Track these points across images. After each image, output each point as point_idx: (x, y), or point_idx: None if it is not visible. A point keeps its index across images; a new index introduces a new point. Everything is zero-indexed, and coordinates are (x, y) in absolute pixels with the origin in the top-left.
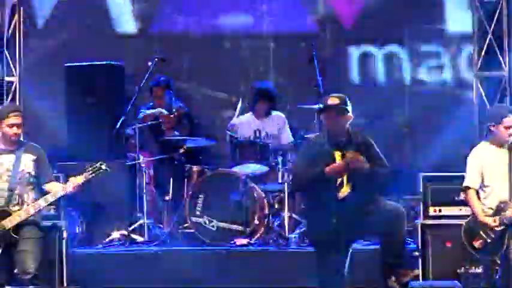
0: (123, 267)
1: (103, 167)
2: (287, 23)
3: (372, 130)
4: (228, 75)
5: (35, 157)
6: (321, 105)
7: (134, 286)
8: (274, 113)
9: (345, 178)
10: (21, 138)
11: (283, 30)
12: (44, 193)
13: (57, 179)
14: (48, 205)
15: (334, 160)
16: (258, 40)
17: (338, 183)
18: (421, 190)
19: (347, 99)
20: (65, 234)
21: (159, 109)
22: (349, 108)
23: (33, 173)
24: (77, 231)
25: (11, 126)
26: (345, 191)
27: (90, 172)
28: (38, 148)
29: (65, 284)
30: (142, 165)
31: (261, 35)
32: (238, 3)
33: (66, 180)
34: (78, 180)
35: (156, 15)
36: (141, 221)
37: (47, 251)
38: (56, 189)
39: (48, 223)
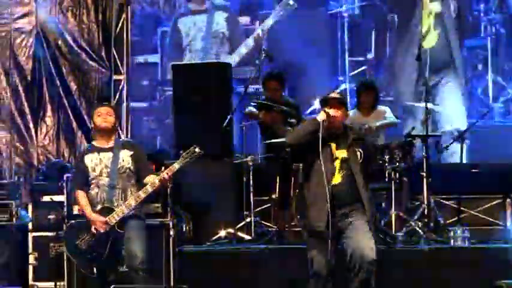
0: (229, 266)
1: (197, 150)
2: None
3: None
4: None
5: (132, 152)
6: (325, 97)
7: (241, 284)
8: (379, 107)
9: (337, 167)
10: (117, 136)
11: None
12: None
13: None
14: (155, 202)
15: (331, 149)
16: None
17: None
18: None
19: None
20: (172, 233)
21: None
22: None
23: (132, 168)
24: (184, 229)
25: (99, 115)
26: (336, 179)
27: (185, 157)
28: (135, 144)
29: (172, 282)
30: (250, 163)
31: None
32: None
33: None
34: (173, 167)
35: None
36: (247, 219)
37: (155, 250)
38: (154, 179)
39: (155, 222)
